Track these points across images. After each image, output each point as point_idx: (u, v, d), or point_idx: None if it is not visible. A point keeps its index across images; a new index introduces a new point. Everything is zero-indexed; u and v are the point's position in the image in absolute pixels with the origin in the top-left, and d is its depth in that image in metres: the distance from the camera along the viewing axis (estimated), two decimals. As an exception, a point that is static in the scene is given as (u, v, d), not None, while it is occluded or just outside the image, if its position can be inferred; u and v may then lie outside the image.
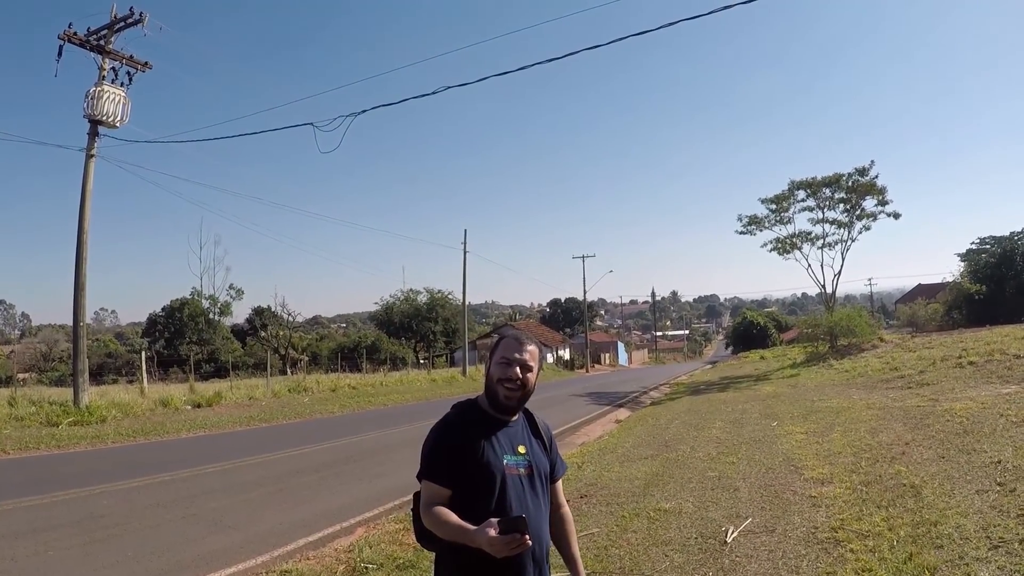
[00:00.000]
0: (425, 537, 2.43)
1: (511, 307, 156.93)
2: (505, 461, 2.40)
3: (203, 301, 56.24)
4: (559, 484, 2.69)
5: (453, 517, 2.25)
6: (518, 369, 2.45)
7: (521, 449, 2.47)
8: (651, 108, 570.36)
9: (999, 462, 7.39)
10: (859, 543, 5.39)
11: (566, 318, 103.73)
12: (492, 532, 2.10)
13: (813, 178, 37.23)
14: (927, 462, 8.00)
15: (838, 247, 37.65)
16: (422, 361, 54.30)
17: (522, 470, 2.44)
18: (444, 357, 61.19)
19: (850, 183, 36.36)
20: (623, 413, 19.42)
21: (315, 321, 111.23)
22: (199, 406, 21.15)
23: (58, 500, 8.81)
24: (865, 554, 5.13)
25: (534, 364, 2.50)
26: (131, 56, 19.78)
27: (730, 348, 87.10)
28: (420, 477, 2.41)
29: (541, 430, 2.63)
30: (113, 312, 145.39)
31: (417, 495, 2.47)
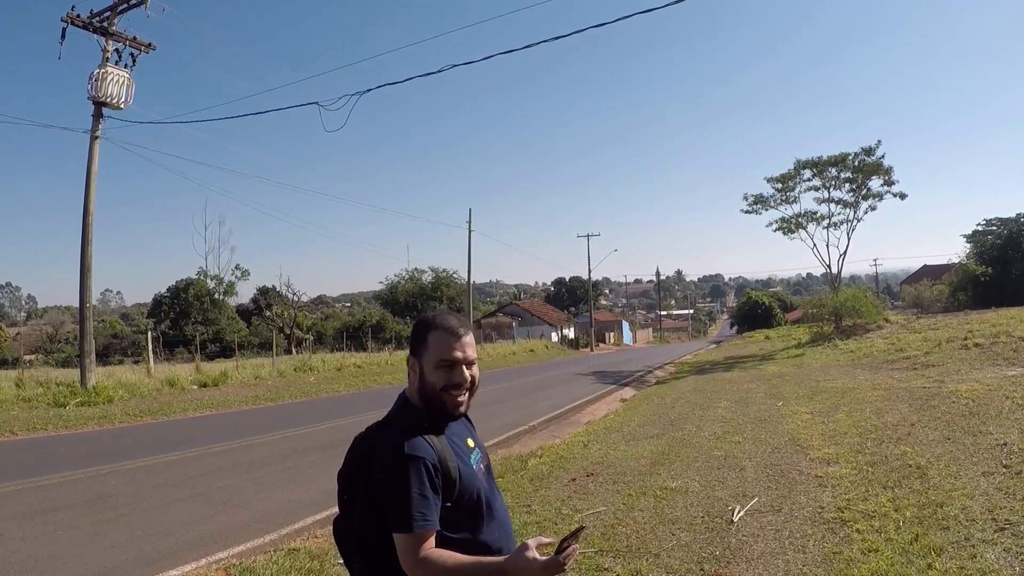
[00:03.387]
0: None
1: (515, 286, 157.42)
2: (473, 466, 2.12)
3: (208, 281, 56.51)
4: None
5: (465, 559, 1.94)
6: (464, 369, 2.07)
7: (470, 442, 2.18)
8: (659, 90, 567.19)
9: (1005, 444, 7.39)
10: (865, 523, 5.40)
11: (570, 297, 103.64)
12: (533, 554, 1.87)
13: (819, 157, 37.08)
14: (933, 443, 8.01)
15: (843, 227, 37.59)
16: (427, 340, 54.29)
17: (481, 466, 2.17)
18: (449, 336, 61.12)
19: (856, 163, 36.20)
20: (628, 392, 19.44)
21: (320, 300, 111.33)
22: (205, 386, 21.22)
23: (66, 480, 8.86)
24: (871, 534, 5.14)
25: (475, 354, 2.12)
26: (134, 37, 19.69)
27: (735, 328, 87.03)
28: (404, 530, 1.91)
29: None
30: (119, 293, 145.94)
31: (344, 535, 2.12)
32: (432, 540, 1.94)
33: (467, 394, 2.10)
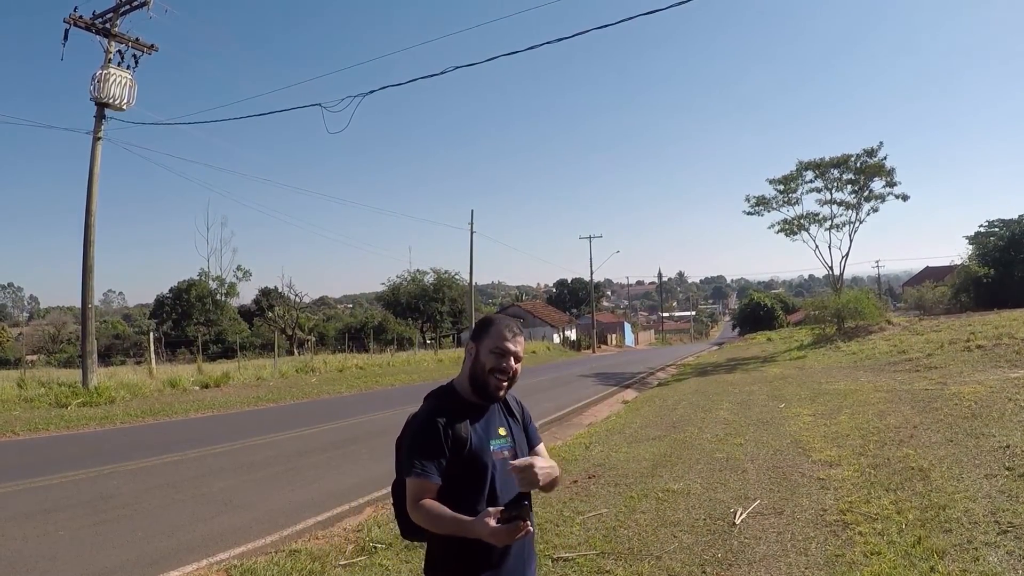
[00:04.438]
0: (411, 531, 2.40)
1: (517, 287, 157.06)
2: (491, 447, 2.39)
3: (210, 282, 56.58)
4: (540, 447, 2.62)
5: (446, 511, 2.21)
6: (512, 360, 2.42)
7: (502, 431, 2.45)
8: (662, 91, 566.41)
9: (1008, 446, 7.38)
10: (867, 526, 5.39)
11: (572, 299, 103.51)
12: (491, 522, 2.08)
13: (821, 159, 37.09)
14: (935, 445, 7.99)
15: (846, 228, 37.62)
16: (429, 341, 54.49)
17: (506, 453, 2.42)
18: (451, 337, 61.28)
19: (858, 164, 36.22)
20: (630, 394, 19.43)
21: (322, 302, 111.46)
22: (207, 387, 21.23)
23: (68, 481, 8.87)
24: (874, 537, 5.13)
25: (522, 353, 2.47)
26: (137, 39, 19.74)
27: (737, 329, 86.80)
28: (403, 474, 2.34)
29: (514, 409, 2.59)
30: (121, 294, 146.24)
31: (396, 489, 2.45)
32: (431, 492, 2.26)
33: (509, 382, 2.43)
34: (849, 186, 36.97)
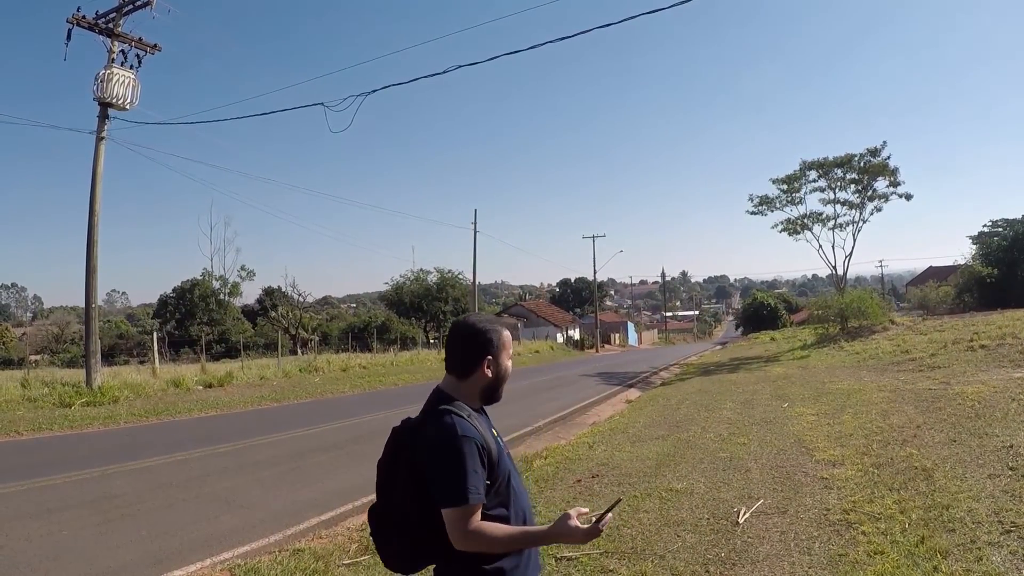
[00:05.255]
0: (404, 561, 2.27)
1: (521, 287, 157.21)
2: (503, 450, 2.38)
3: (214, 282, 56.74)
4: None
5: (510, 527, 2.21)
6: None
7: (494, 432, 2.41)
8: (664, 91, 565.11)
9: (1011, 446, 7.37)
10: (871, 525, 5.39)
11: (576, 298, 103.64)
12: (576, 522, 2.17)
13: (825, 158, 37.03)
14: (939, 445, 7.99)
15: (849, 228, 37.52)
16: (432, 341, 54.44)
17: (506, 451, 2.41)
18: (454, 337, 61.13)
19: (862, 163, 36.15)
20: (633, 393, 19.41)
21: (325, 301, 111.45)
22: (211, 386, 21.28)
23: (71, 480, 8.89)
24: (877, 536, 5.13)
25: None
26: (140, 39, 19.79)
27: (740, 329, 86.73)
28: (457, 503, 2.11)
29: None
30: (124, 293, 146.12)
31: (378, 517, 2.32)
32: (480, 513, 2.15)
33: None
34: (852, 185, 36.89)
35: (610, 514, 2.24)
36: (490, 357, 2.37)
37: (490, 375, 2.37)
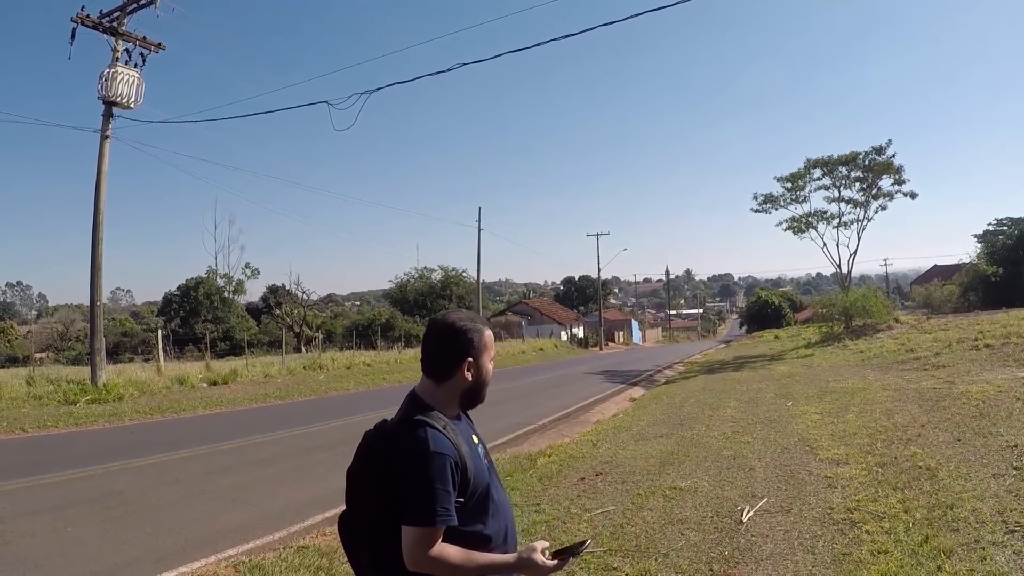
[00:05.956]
0: (383, 573, 2.07)
1: (525, 285, 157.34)
2: (481, 460, 2.18)
3: (218, 280, 56.85)
4: None
5: (471, 552, 2.01)
6: None
7: (475, 439, 2.23)
8: (669, 89, 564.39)
9: (1015, 446, 7.35)
10: (875, 524, 5.39)
11: (580, 296, 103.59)
12: (540, 557, 2.01)
13: (829, 157, 37.00)
14: (943, 444, 7.97)
15: (854, 226, 37.53)
16: (435, 339, 54.32)
17: (484, 461, 2.21)
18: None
19: (867, 162, 36.13)
20: (637, 391, 19.41)
21: (329, 299, 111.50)
22: (215, 384, 21.34)
23: (76, 477, 8.93)
24: (881, 535, 5.13)
25: None
26: (144, 37, 19.84)
27: (744, 327, 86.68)
28: (423, 524, 1.95)
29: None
30: (129, 291, 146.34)
31: (349, 524, 2.17)
32: (441, 535, 1.98)
33: None
34: (857, 184, 36.90)
35: (575, 557, 2.11)
36: (470, 359, 2.18)
37: (470, 379, 2.19)
